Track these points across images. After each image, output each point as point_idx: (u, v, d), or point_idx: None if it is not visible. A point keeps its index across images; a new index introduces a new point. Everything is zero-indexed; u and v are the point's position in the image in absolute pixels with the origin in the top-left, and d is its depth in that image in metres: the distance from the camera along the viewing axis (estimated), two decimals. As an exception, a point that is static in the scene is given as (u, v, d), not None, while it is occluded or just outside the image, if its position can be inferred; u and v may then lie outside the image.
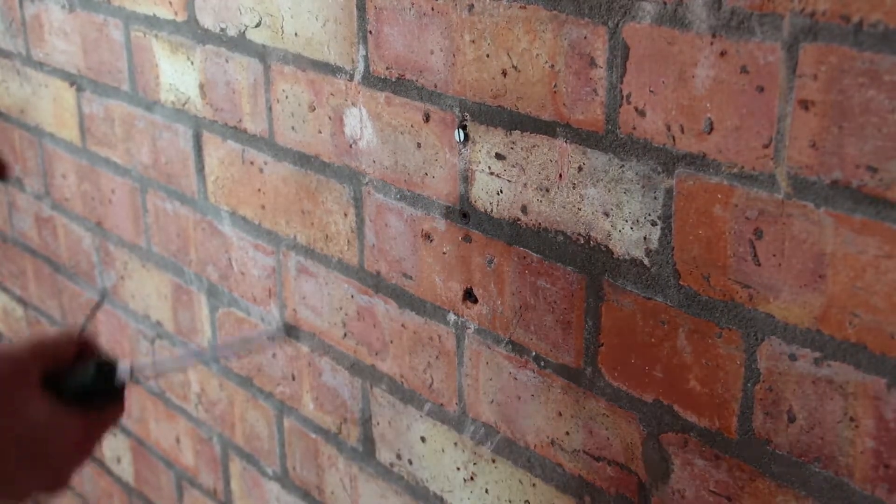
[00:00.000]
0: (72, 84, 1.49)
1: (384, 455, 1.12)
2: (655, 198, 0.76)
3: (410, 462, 1.08)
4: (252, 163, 1.18)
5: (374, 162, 1.01)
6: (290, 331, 0.72)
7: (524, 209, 0.87)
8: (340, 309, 1.11)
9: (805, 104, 0.65)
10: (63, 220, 1.65)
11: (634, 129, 0.76)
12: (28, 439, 0.71)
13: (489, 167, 0.89)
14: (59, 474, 0.74)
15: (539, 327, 0.89)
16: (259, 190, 1.18)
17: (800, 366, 0.70)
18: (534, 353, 0.90)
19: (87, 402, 0.74)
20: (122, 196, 1.46)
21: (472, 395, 0.98)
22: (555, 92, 0.81)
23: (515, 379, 0.93)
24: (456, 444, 1.02)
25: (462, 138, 0.90)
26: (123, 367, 0.76)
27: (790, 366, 0.71)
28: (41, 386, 0.72)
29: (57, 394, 0.73)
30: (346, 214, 1.07)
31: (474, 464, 1.00)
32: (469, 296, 0.95)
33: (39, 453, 0.71)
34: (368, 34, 0.97)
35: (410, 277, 1.01)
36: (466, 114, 0.89)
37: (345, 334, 1.12)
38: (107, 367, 0.76)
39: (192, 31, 1.21)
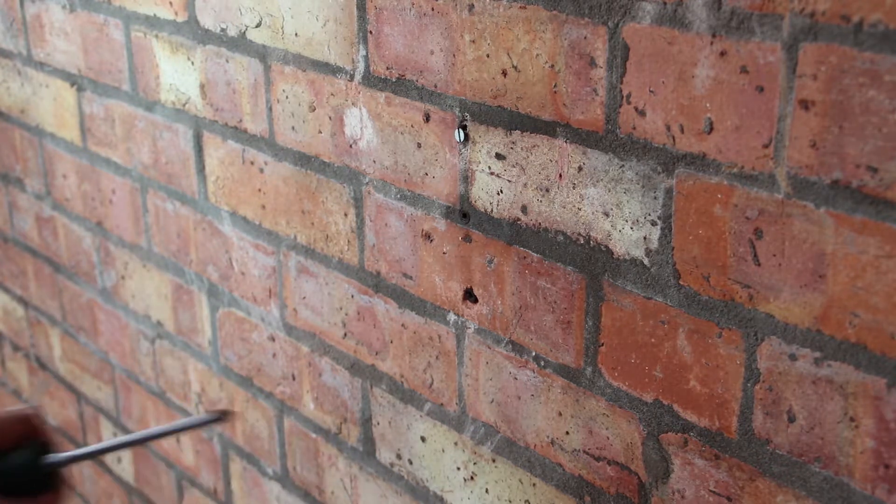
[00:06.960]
0: (72, 84, 1.49)
1: (384, 455, 1.12)
2: (655, 198, 0.76)
3: (410, 462, 1.08)
4: (252, 163, 1.18)
5: (375, 162, 1.01)
6: (226, 415, 0.69)
7: (524, 209, 0.87)
8: (340, 309, 1.11)
9: (805, 104, 0.65)
10: (63, 220, 1.65)
11: (634, 129, 0.76)
12: None
13: (489, 167, 0.89)
14: None
15: (539, 327, 0.89)
16: (259, 190, 1.18)
17: (800, 366, 0.70)
18: (534, 353, 0.90)
19: (18, 491, 0.70)
20: (122, 196, 1.46)
21: (472, 394, 0.98)
22: (555, 92, 0.81)
23: (515, 379, 0.93)
24: (456, 443, 1.02)
25: (462, 138, 0.90)
26: (54, 455, 0.71)
27: (790, 366, 0.71)
28: None
29: None
30: (346, 214, 1.07)
31: (474, 464, 1.00)
32: (469, 296, 0.95)
33: None
34: (369, 34, 0.97)
35: (410, 277, 1.01)
36: (466, 114, 0.89)
37: (345, 334, 1.12)
38: (38, 454, 0.71)
39: (192, 32, 1.21)
